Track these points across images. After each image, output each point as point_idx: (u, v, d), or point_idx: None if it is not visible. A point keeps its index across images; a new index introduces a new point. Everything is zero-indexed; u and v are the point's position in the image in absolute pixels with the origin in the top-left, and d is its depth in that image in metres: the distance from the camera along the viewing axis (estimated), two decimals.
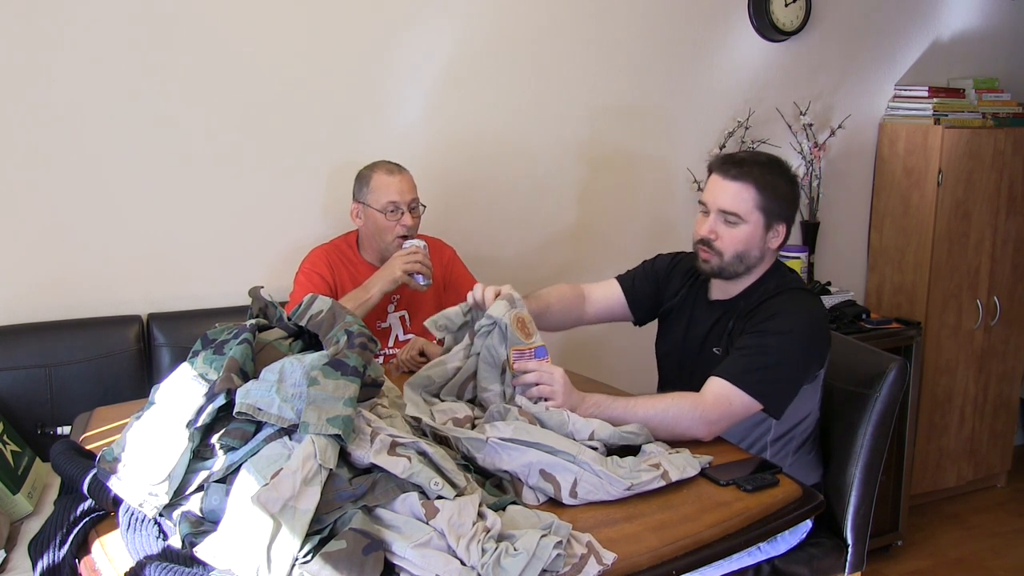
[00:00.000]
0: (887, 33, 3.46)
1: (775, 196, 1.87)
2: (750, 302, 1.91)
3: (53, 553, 1.39)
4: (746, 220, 1.87)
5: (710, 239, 1.90)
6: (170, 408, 1.40)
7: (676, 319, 2.07)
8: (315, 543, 1.21)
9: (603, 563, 1.24)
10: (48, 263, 2.40)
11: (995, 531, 3.32)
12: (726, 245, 1.89)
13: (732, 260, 1.89)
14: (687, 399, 1.73)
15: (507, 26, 2.83)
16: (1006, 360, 3.55)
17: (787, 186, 1.91)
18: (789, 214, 1.92)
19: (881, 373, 1.96)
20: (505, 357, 1.71)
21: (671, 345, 2.08)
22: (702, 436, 1.71)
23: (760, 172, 1.87)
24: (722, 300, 1.98)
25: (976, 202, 3.34)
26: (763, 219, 1.88)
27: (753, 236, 1.88)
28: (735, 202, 1.87)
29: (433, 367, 1.76)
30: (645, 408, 1.70)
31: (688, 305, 2.05)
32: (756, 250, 1.90)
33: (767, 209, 1.87)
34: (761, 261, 1.92)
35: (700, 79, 3.15)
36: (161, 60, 2.43)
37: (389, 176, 2.36)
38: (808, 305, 1.90)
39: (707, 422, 1.71)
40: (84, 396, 2.28)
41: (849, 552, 1.92)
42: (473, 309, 1.81)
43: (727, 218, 1.88)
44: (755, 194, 1.86)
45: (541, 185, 2.97)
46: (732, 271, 1.91)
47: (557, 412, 1.61)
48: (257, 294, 1.66)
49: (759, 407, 1.76)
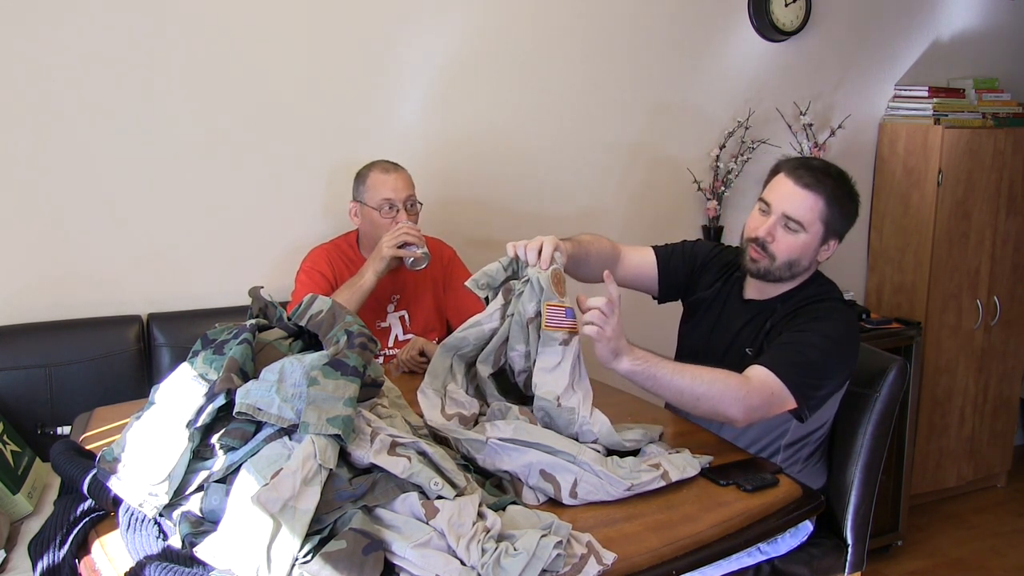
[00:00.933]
0: (887, 33, 3.46)
1: (840, 212, 1.86)
2: (788, 306, 1.89)
3: (53, 553, 1.39)
4: (807, 230, 1.84)
5: (766, 241, 1.86)
6: (170, 408, 1.40)
7: (706, 312, 2.03)
8: (315, 543, 1.21)
9: (603, 563, 1.24)
10: (48, 263, 2.40)
11: (995, 531, 3.32)
12: (780, 250, 1.86)
13: (782, 266, 1.87)
14: (733, 378, 1.68)
15: (507, 26, 2.83)
16: (1006, 360, 3.55)
17: (851, 204, 1.89)
18: (845, 231, 1.91)
19: (881, 373, 1.96)
20: (532, 314, 1.65)
21: (697, 337, 2.04)
22: (739, 419, 1.68)
23: (833, 185, 1.85)
24: (757, 300, 1.95)
25: (976, 202, 3.34)
26: (823, 231, 1.86)
27: (809, 246, 1.86)
28: (802, 210, 1.83)
29: (469, 327, 1.71)
30: (692, 376, 1.65)
31: (720, 300, 2.01)
32: (807, 260, 1.88)
33: (829, 223, 1.85)
34: (807, 271, 1.91)
35: (700, 79, 3.15)
36: (161, 60, 2.43)
37: (384, 174, 2.37)
38: (850, 316, 1.89)
39: (748, 407, 1.67)
40: (84, 396, 2.28)
41: (849, 552, 1.92)
42: (514, 262, 1.75)
43: (789, 224, 1.84)
44: (824, 206, 1.83)
45: (540, 185, 2.97)
46: (778, 276, 1.89)
47: (567, 410, 1.57)
48: (257, 294, 1.66)
49: (793, 405, 1.74)
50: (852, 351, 1.84)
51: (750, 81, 3.23)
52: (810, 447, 1.95)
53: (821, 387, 1.78)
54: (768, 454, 1.90)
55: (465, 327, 1.71)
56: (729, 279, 2.02)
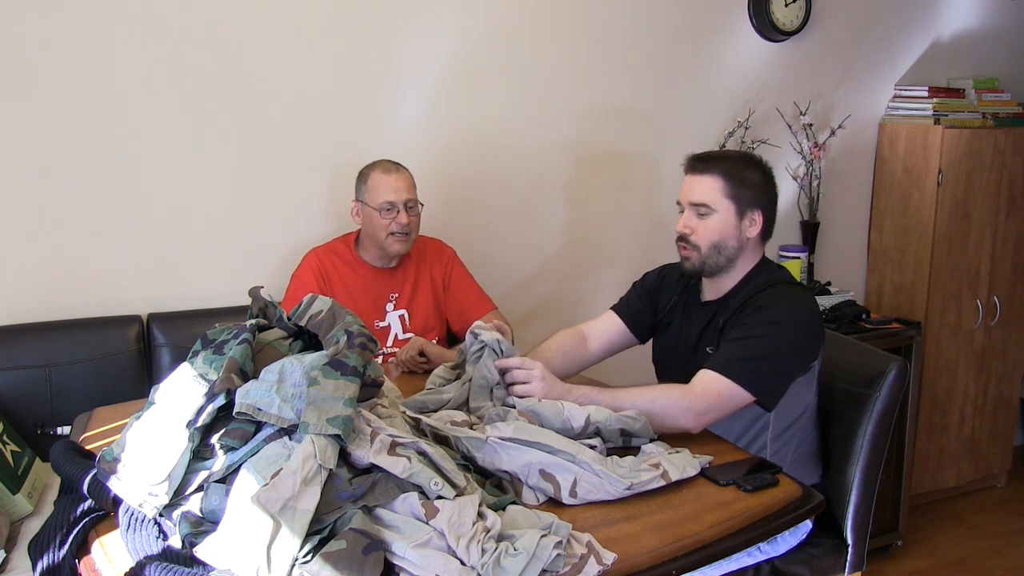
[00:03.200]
0: (887, 33, 3.46)
1: (742, 183, 1.91)
2: (739, 300, 1.92)
3: (53, 553, 1.39)
4: (716, 209, 1.90)
5: (686, 234, 1.94)
6: (170, 408, 1.40)
7: (670, 324, 2.09)
8: (315, 543, 1.21)
9: (603, 563, 1.24)
10: (48, 263, 2.40)
11: (995, 531, 3.32)
12: (701, 237, 1.92)
13: (710, 251, 1.92)
14: (675, 389, 1.74)
15: (508, 27, 2.83)
16: (1006, 360, 3.55)
17: (756, 175, 1.94)
18: (763, 202, 1.93)
19: (881, 373, 1.96)
20: (498, 380, 1.76)
21: (669, 351, 2.09)
22: (691, 427, 1.72)
23: (727, 164, 1.93)
24: (713, 300, 1.99)
25: (976, 202, 3.34)
26: (734, 207, 1.91)
27: (726, 224, 1.91)
28: (703, 193, 1.91)
29: (427, 394, 1.79)
30: (632, 399, 1.72)
31: (680, 308, 2.07)
32: (733, 240, 1.92)
33: (736, 196, 1.90)
34: (741, 252, 1.93)
35: (700, 79, 3.15)
36: (162, 60, 2.43)
37: (386, 175, 2.37)
38: (798, 297, 1.92)
39: (695, 412, 1.71)
40: (84, 396, 2.28)
41: (849, 552, 1.92)
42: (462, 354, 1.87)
43: (699, 211, 1.92)
44: (722, 183, 1.90)
45: (541, 185, 2.97)
46: (713, 263, 1.93)
47: (551, 402, 1.65)
48: (257, 294, 1.66)
49: (751, 398, 1.77)
50: (806, 330, 1.87)
51: (750, 81, 3.23)
52: (797, 438, 1.95)
53: (777, 373, 1.80)
54: (756, 449, 1.90)
55: (424, 393, 1.80)
56: (686, 288, 2.08)
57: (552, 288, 3.06)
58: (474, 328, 1.83)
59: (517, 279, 3.00)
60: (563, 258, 3.05)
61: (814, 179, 3.33)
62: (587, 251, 3.08)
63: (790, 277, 1.99)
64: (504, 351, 1.79)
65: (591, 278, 3.09)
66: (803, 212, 3.40)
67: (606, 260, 3.11)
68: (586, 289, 3.08)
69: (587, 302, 3.03)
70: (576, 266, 3.07)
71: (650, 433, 1.67)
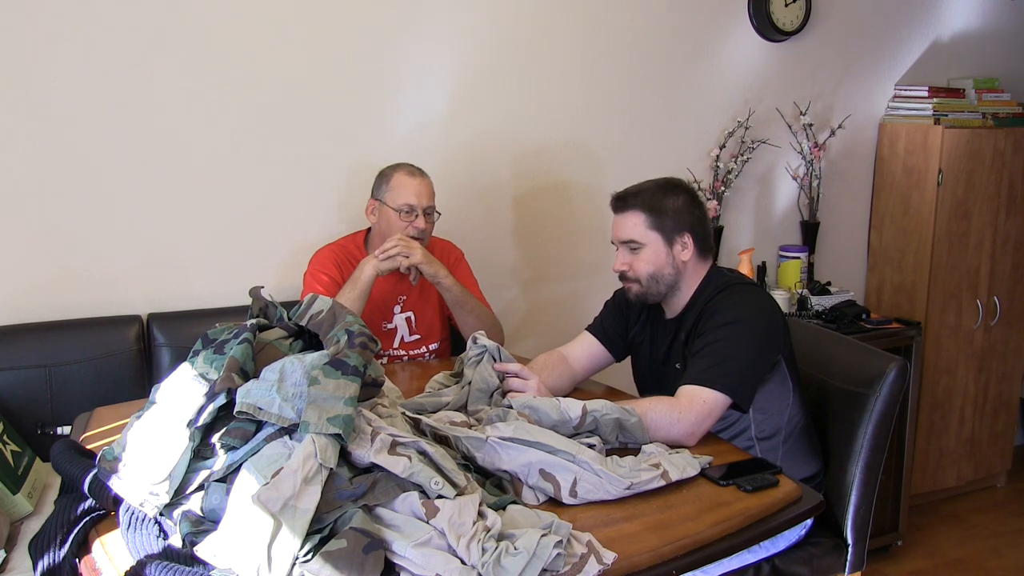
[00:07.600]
0: (887, 33, 3.46)
1: (662, 212, 1.95)
2: (694, 313, 1.96)
3: (53, 553, 1.39)
4: (644, 243, 1.96)
5: (624, 271, 2.00)
6: (171, 408, 1.40)
7: (641, 343, 2.13)
8: (315, 542, 1.21)
9: (603, 562, 1.25)
10: (48, 263, 2.40)
11: (995, 531, 3.32)
12: (638, 271, 1.97)
13: (649, 282, 1.97)
14: (665, 403, 1.76)
15: (513, 29, 2.83)
16: (1006, 360, 3.55)
17: (676, 200, 1.97)
18: (689, 224, 1.97)
19: (881, 373, 1.96)
20: (498, 384, 1.82)
21: (644, 368, 2.14)
22: (686, 438, 1.73)
23: (645, 197, 1.97)
24: (673, 318, 2.03)
25: (976, 202, 3.34)
26: (660, 236, 1.95)
27: (658, 255, 1.96)
28: (628, 230, 1.97)
29: (426, 397, 1.82)
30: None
31: (648, 328, 2.11)
32: (668, 267, 1.97)
33: (659, 226, 1.95)
34: (681, 275, 1.98)
35: (700, 79, 3.15)
36: (164, 59, 2.43)
37: (410, 178, 2.37)
38: (749, 294, 1.96)
39: (689, 423, 1.73)
40: (84, 396, 2.28)
41: (849, 552, 1.92)
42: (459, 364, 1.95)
43: (630, 247, 1.98)
44: (643, 217, 1.95)
45: (542, 185, 2.97)
46: (656, 291, 1.99)
47: (546, 397, 1.72)
48: (257, 294, 1.66)
49: (729, 400, 1.79)
50: (763, 323, 1.89)
51: (750, 81, 3.23)
52: (784, 432, 1.96)
53: (743, 370, 1.82)
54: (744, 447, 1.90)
55: (422, 396, 1.84)
56: (653, 307, 2.11)
57: (560, 289, 3.06)
58: (475, 334, 1.92)
59: (518, 278, 3.00)
60: (566, 258, 3.05)
61: (814, 179, 3.33)
62: (590, 251, 3.08)
63: (741, 278, 2.03)
64: (503, 359, 1.88)
65: (592, 279, 3.09)
66: (803, 212, 3.41)
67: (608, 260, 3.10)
68: (592, 290, 3.07)
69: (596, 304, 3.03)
70: (578, 266, 3.07)
71: (644, 436, 1.68)
